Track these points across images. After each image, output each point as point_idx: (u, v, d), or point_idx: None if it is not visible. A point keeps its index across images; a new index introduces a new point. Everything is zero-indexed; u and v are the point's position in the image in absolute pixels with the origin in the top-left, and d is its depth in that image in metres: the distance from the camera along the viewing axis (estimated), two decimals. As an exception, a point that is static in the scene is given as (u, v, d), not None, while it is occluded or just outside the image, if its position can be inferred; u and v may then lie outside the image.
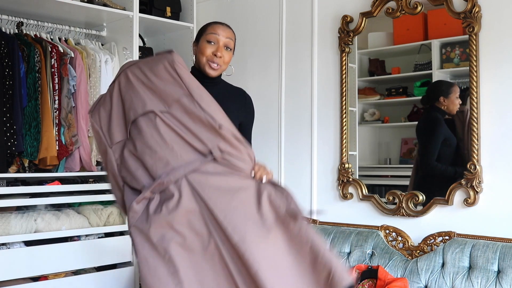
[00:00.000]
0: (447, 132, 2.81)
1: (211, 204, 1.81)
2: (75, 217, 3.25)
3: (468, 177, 2.58)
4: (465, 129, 2.68)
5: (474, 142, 2.57)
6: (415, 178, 2.92)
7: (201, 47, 2.24)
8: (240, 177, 1.88)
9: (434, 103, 2.82)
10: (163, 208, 1.82)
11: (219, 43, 2.22)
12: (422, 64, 2.90)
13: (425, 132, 2.88)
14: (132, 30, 3.54)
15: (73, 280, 3.21)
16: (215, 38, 2.22)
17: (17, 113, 3.03)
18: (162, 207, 1.82)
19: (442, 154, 2.83)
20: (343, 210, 3.04)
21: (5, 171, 3.03)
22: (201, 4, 3.95)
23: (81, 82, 3.33)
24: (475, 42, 2.58)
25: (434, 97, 2.82)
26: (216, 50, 2.22)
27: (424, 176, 2.90)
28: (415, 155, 2.95)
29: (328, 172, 3.16)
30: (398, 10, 2.85)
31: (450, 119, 2.79)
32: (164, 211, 1.81)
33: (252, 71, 3.62)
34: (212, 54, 2.22)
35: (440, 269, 2.45)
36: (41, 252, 3.06)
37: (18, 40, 3.17)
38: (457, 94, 2.75)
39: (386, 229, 2.79)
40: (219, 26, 2.24)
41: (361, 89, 3.11)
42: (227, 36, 2.23)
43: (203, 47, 2.23)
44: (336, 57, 3.13)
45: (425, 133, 2.88)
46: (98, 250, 3.31)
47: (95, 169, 3.42)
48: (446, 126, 2.82)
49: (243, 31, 3.69)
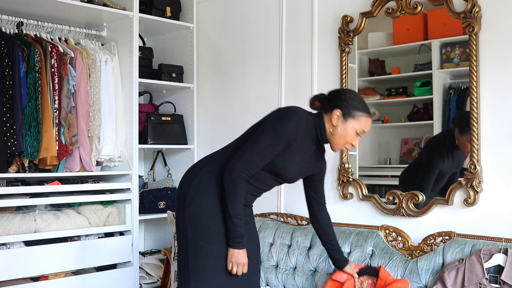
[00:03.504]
0: (444, 167, 2.80)
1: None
2: (75, 217, 3.25)
3: (468, 177, 2.58)
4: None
5: (474, 142, 2.57)
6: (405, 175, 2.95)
7: (348, 133, 2.22)
8: None
9: (454, 130, 2.77)
10: None
11: (361, 136, 2.26)
12: (422, 64, 2.90)
13: (426, 157, 2.87)
14: (132, 30, 3.54)
15: (73, 280, 3.21)
16: (363, 133, 2.26)
17: (17, 113, 3.03)
18: None
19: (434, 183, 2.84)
20: (343, 210, 3.04)
21: (5, 171, 3.04)
22: (201, 4, 3.95)
23: (81, 82, 3.34)
24: (475, 42, 2.58)
25: (454, 123, 2.77)
26: (356, 142, 2.26)
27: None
28: (415, 155, 2.96)
29: (328, 172, 3.13)
30: (398, 10, 2.85)
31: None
32: None
33: (252, 71, 3.62)
34: (351, 144, 2.26)
35: (440, 269, 2.45)
36: (41, 252, 3.07)
37: (18, 40, 3.17)
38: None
39: (386, 229, 2.79)
40: (370, 122, 2.26)
41: (361, 89, 3.11)
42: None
43: (349, 135, 2.23)
44: (336, 57, 3.13)
45: (426, 158, 2.87)
46: (98, 250, 3.32)
47: (95, 169, 3.43)
48: (446, 162, 2.80)
49: (243, 31, 3.69)
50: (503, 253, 2.29)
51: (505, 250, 2.29)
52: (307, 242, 2.94)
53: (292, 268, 2.93)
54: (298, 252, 2.93)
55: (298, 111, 2.22)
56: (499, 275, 2.25)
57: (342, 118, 2.21)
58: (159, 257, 3.82)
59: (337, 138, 2.24)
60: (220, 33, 3.86)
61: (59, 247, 3.14)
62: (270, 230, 3.09)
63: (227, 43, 3.81)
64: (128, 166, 3.53)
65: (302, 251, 2.92)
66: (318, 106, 2.30)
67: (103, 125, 3.42)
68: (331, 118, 2.22)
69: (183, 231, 2.26)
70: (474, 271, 2.28)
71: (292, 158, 2.22)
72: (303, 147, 2.24)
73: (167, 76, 3.84)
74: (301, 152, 2.24)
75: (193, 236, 2.21)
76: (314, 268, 2.85)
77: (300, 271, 2.88)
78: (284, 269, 2.94)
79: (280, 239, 3.03)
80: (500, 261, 2.29)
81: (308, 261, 2.87)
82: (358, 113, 2.21)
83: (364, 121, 2.22)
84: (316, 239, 2.91)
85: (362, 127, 2.22)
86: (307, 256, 2.89)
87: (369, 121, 2.25)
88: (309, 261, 2.87)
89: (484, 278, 2.26)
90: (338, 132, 2.22)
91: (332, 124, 2.22)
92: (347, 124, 2.21)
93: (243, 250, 2.19)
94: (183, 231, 2.25)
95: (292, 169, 2.26)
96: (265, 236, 3.06)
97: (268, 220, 3.22)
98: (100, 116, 3.41)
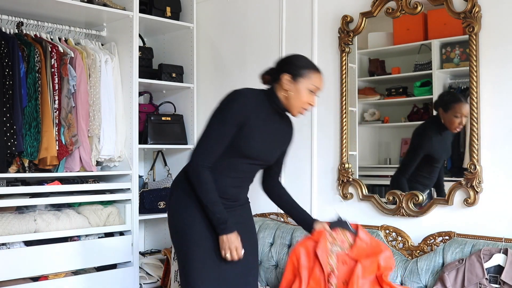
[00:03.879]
0: (432, 148, 2.81)
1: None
2: (75, 217, 3.25)
3: (468, 177, 2.58)
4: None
5: (474, 142, 2.57)
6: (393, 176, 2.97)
7: (301, 93, 2.23)
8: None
9: (438, 112, 2.79)
10: None
11: (317, 93, 2.27)
12: (422, 64, 2.89)
13: (411, 140, 2.88)
14: (132, 30, 3.54)
15: (73, 280, 3.21)
16: (317, 90, 2.27)
17: (17, 113, 3.03)
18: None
19: (424, 170, 2.84)
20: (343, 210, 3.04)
21: (5, 171, 3.04)
22: (201, 4, 3.95)
23: (81, 82, 3.33)
24: (475, 42, 2.58)
25: (436, 105, 2.79)
26: (313, 100, 2.27)
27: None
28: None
29: (328, 172, 3.16)
30: (398, 10, 2.85)
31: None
32: None
33: (252, 71, 3.62)
34: (309, 104, 2.26)
35: (440, 269, 2.45)
36: (41, 252, 3.07)
37: (18, 40, 3.17)
38: (457, 113, 2.66)
39: (386, 229, 2.79)
40: (321, 78, 2.28)
41: (361, 89, 3.10)
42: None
43: (303, 95, 2.24)
44: (336, 57, 3.13)
45: (411, 141, 2.88)
46: (98, 250, 3.32)
47: (95, 169, 3.43)
48: (434, 142, 2.81)
49: (243, 31, 3.69)
50: (503, 253, 2.29)
51: (505, 250, 2.29)
52: (307, 242, 2.93)
53: (292, 268, 2.93)
54: (298, 252, 2.93)
55: (242, 91, 2.26)
56: (499, 275, 2.25)
57: (292, 80, 2.23)
58: (159, 257, 3.82)
59: (293, 101, 2.25)
60: (220, 33, 3.86)
61: (59, 247, 3.14)
62: (270, 230, 3.09)
63: (227, 43, 3.81)
64: (128, 166, 3.53)
65: (302, 251, 2.92)
66: (268, 79, 2.34)
67: (103, 125, 3.42)
68: (282, 84, 2.24)
69: (172, 241, 2.34)
70: (474, 271, 2.28)
71: (254, 136, 2.23)
72: (262, 122, 2.24)
73: (167, 76, 3.84)
74: (261, 128, 2.24)
75: (177, 245, 2.27)
76: (314, 268, 2.85)
77: (300, 271, 2.88)
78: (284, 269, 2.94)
79: (280, 239, 3.03)
80: (500, 261, 2.29)
81: (308, 261, 2.87)
82: (306, 71, 2.24)
83: (314, 78, 2.25)
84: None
85: (313, 83, 2.24)
86: (307, 256, 2.89)
87: (320, 77, 2.27)
88: (309, 261, 2.86)
89: (484, 278, 2.26)
90: (292, 96, 2.24)
91: (284, 89, 2.24)
92: (299, 85, 2.23)
93: (232, 234, 2.18)
94: (172, 241, 2.33)
95: (258, 146, 2.25)
96: (265, 236, 3.06)
97: (268, 220, 3.22)
98: (100, 116, 3.41)
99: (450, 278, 2.32)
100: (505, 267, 2.24)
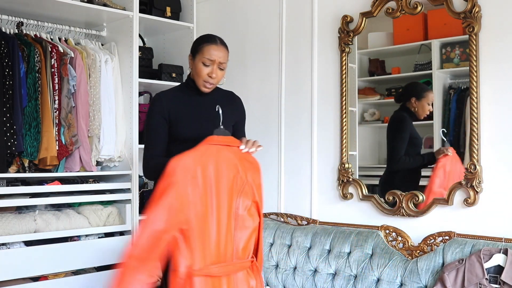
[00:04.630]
0: (414, 131, 2.91)
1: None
2: (75, 217, 3.25)
3: (468, 177, 2.58)
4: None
5: (474, 142, 2.57)
6: (383, 175, 2.99)
7: (197, 68, 2.40)
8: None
9: (406, 103, 2.91)
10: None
11: (214, 64, 2.38)
12: (422, 64, 2.90)
13: (391, 130, 2.96)
14: (132, 30, 3.54)
15: (73, 280, 3.21)
16: (211, 61, 2.37)
17: (17, 113, 3.03)
18: None
19: (410, 153, 2.91)
20: (343, 210, 3.04)
21: (5, 171, 3.03)
22: (201, 4, 3.95)
23: (81, 82, 3.33)
24: (475, 42, 2.58)
25: (407, 96, 2.91)
26: (211, 72, 2.38)
27: (392, 172, 2.96)
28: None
29: (328, 172, 3.16)
30: (398, 10, 2.85)
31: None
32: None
33: (252, 71, 3.62)
34: (207, 76, 2.38)
35: (440, 269, 2.45)
36: (41, 252, 3.06)
37: (18, 40, 3.17)
38: (429, 101, 2.84)
39: (386, 229, 2.79)
40: (214, 48, 2.39)
41: (361, 89, 3.11)
42: (221, 56, 2.40)
43: (199, 69, 2.39)
44: (336, 57, 3.13)
45: (391, 130, 2.96)
46: (98, 250, 3.32)
47: (95, 169, 3.43)
48: (413, 126, 2.91)
49: (243, 31, 3.69)
50: (503, 253, 2.29)
51: (505, 250, 2.29)
52: (307, 242, 2.94)
53: (292, 268, 2.93)
54: (298, 252, 2.93)
55: (155, 96, 2.49)
56: (499, 275, 2.25)
57: (192, 58, 2.44)
58: (159, 257, 3.81)
59: (195, 78, 2.43)
60: (220, 33, 3.82)
61: (59, 247, 3.14)
62: (270, 230, 3.09)
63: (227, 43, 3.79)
64: (128, 166, 3.53)
65: (302, 251, 2.92)
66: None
67: (103, 125, 3.42)
68: (189, 66, 2.47)
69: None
70: (474, 271, 2.28)
71: (181, 120, 2.42)
72: (183, 107, 2.44)
73: (167, 76, 3.84)
74: (184, 112, 2.43)
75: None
76: (314, 268, 2.85)
77: (300, 271, 2.88)
78: (284, 269, 2.94)
79: (280, 239, 3.03)
80: (500, 261, 2.29)
81: (308, 261, 2.87)
82: (199, 47, 2.41)
83: (206, 49, 2.38)
84: (316, 239, 2.92)
85: (205, 56, 2.38)
86: (307, 256, 2.89)
87: (211, 47, 2.39)
88: (309, 261, 2.87)
89: (484, 278, 2.26)
90: (193, 73, 2.44)
91: (191, 69, 2.47)
92: (195, 61, 2.42)
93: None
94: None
95: (188, 126, 2.42)
96: (265, 236, 3.06)
97: (268, 220, 3.22)
98: (100, 116, 3.41)
99: (450, 278, 2.32)
100: (505, 267, 2.24)
